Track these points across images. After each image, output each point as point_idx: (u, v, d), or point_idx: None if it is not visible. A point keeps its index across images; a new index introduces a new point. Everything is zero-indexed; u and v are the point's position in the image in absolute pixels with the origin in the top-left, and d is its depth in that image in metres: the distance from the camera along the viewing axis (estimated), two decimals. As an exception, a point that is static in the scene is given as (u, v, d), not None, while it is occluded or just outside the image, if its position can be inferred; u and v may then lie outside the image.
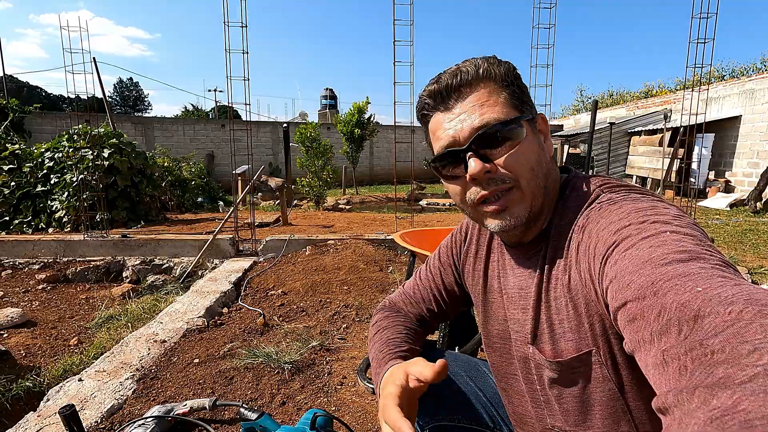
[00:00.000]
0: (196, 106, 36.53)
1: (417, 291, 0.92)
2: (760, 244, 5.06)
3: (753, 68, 18.21)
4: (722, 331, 0.33)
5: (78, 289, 4.22)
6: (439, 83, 0.66)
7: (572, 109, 26.60)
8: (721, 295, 0.36)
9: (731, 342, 0.31)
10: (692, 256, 0.44)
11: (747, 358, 0.29)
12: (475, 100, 0.63)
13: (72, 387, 1.91)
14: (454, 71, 0.65)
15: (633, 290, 0.44)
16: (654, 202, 0.57)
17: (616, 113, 14.22)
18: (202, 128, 15.89)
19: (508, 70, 0.66)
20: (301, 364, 2.20)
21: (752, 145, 8.60)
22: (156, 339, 2.48)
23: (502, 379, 0.80)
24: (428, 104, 0.68)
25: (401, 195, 10.13)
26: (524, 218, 0.64)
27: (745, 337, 0.31)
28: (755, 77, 8.88)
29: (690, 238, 0.47)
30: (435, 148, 0.68)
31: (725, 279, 0.39)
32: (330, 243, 4.64)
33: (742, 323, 0.32)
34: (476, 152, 0.62)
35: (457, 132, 0.64)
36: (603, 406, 0.63)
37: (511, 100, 0.65)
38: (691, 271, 0.41)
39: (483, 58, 0.66)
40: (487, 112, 0.62)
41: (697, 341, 0.34)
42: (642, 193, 0.62)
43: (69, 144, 5.97)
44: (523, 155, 0.63)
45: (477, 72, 0.64)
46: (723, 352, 0.31)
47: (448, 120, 0.65)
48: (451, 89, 0.64)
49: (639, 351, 0.41)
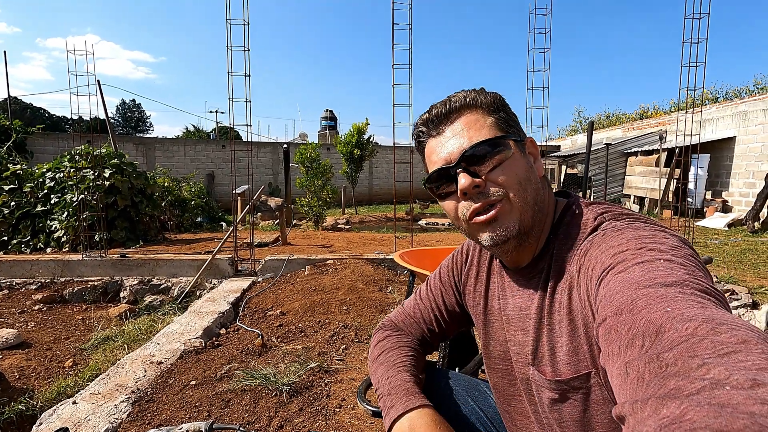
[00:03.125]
0: (198, 127, 36.93)
1: (417, 310, 0.92)
2: (760, 263, 5.06)
3: (746, 91, 18.60)
4: (677, 345, 0.35)
5: (74, 310, 4.18)
6: (431, 112, 0.72)
7: (569, 129, 26.99)
8: (684, 313, 0.39)
9: (683, 356, 0.33)
10: (676, 282, 0.46)
11: (696, 372, 0.31)
12: (464, 124, 0.69)
13: (66, 410, 1.88)
14: (444, 101, 0.72)
15: (614, 307, 0.46)
16: (656, 231, 0.59)
17: (612, 134, 14.41)
18: (202, 149, 16.05)
19: (494, 98, 0.71)
20: (300, 386, 2.17)
21: (747, 166, 8.70)
22: (152, 360, 2.44)
23: (504, 401, 0.80)
24: (422, 131, 0.74)
25: (400, 215, 10.15)
26: (515, 230, 0.66)
27: (696, 351, 0.33)
28: (748, 99, 9.05)
29: (681, 268, 0.49)
30: (430, 171, 0.73)
31: (696, 303, 0.41)
32: (329, 263, 4.63)
33: (695, 339, 0.35)
34: (465, 169, 0.66)
35: (449, 153, 0.68)
36: (604, 429, 0.63)
37: (498, 123, 0.69)
38: (668, 294, 0.43)
39: (471, 89, 0.72)
40: (475, 133, 0.68)
41: (655, 354, 0.36)
42: (645, 222, 0.63)
43: (70, 164, 6.02)
44: (510, 170, 0.67)
45: (465, 100, 0.70)
46: (675, 365, 0.33)
47: (440, 144, 0.70)
48: (441, 116, 0.71)
49: (608, 363, 0.43)
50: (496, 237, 0.67)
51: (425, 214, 12.05)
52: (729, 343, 0.33)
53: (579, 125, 26.64)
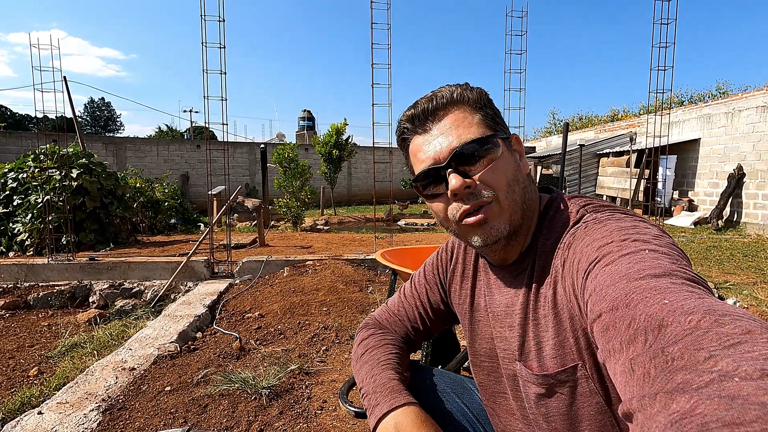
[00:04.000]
0: (171, 126, 35.98)
1: (402, 309, 0.91)
2: (724, 260, 5.28)
3: (709, 95, 19.44)
4: (682, 339, 0.35)
5: (40, 316, 3.98)
6: (416, 108, 0.69)
7: (544, 131, 27.59)
8: (684, 306, 0.39)
9: (689, 349, 0.33)
10: (665, 272, 0.46)
11: (703, 365, 0.31)
12: (451, 121, 0.67)
13: (30, 421, 1.78)
14: (430, 97, 0.69)
15: (608, 302, 0.46)
16: (636, 222, 0.60)
17: (584, 136, 14.81)
18: (176, 149, 15.64)
19: (480, 94, 0.70)
20: (280, 389, 2.13)
21: (711, 166, 9.08)
22: (124, 367, 2.35)
23: (490, 398, 0.80)
24: (407, 128, 0.71)
25: (380, 215, 10.15)
26: (505, 231, 0.66)
27: (701, 344, 0.33)
28: (711, 103, 9.45)
29: (666, 257, 0.50)
30: (416, 170, 0.70)
31: (691, 293, 0.41)
32: (308, 264, 4.57)
33: (699, 332, 0.34)
34: (456, 169, 0.65)
35: (437, 152, 0.66)
36: (591, 421, 0.63)
37: (485, 120, 0.68)
38: (661, 286, 0.43)
39: (456, 84, 0.70)
40: (464, 132, 0.66)
41: (659, 349, 0.35)
42: (625, 213, 0.64)
43: (35, 164, 5.75)
44: (500, 170, 0.66)
45: (451, 96, 0.68)
46: (682, 359, 0.33)
47: (427, 142, 0.68)
48: (428, 113, 0.68)
49: (609, 359, 0.42)
50: (487, 238, 0.66)
51: (404, 215, 12.09)
52: (734, 334, 0.33)
53: (554, 127, 27.28)
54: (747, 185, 8.06)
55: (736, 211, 8.29)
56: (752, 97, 8.14)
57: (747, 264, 5.05)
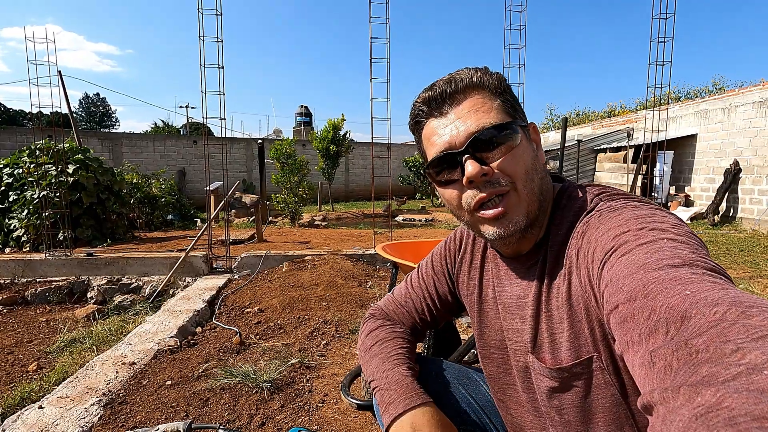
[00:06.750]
0: (167, 122, 35.71)
1: (409, 299, 0.90)
2: (720, 255, 5.32)
3: (706, 91, 19.49)
4: (706, 331, 0.33)
5: (38, 312, 3.97)
6: (433, 90, 0.66)
7: (542, 127, 27.57)
8: (708, 297, 0.37)
9: (715, 341, 0.32)
10: (685, 262, 0.44)
11: (730, 357, 0.30)
12: (470, 106, 0.64)
13: (31, 415, 1.78)
14: (448, 79, 0.66)
15: (625, 293, 0.44)
16: (653, 210, 0.58)
17: (582, 131, 14.82)
18: (173, 144, 15.54)
19: (499, 80, 0.67)
20: (281, 383, 2.13)
21: (708, 162, 9.11)
22: (124, 361, 2.35)
23: (499, 390, 0.79)
24: (422, 111, 0.68)
25: (378, 211, 10.14)
26: (522, 224, 0.64)
27: (728, 336, 0.32)
28: (708, 99, 9.47)
29: (686, 246, 0.48)
30: (429, 154, 0.68)
31: (714, 284, 0.40)
32: (307, 259, 4.57)
33: (725, 324, 0.33)
34: (473, 155, 0.62)
35: (453, 137, 0.63)
36: (606, 413, 0.62)
37: (504, 106, 0.65)
38: (681, 276, 0.42)
39: (476, 68, 0.67)
40: (483, 117, 0.63)
41: (682, 341, 0.34)
42: (641, 201, 0.62)
43: (30, 160, 5.71)
44: (519, 158, 0.63)
45: (471, 80, 0.65)
46: (707, 351, 0.31)
47: (443, 126, 0.65)
48: (445, 96, 0.65)
49: (628, 351, 0.41)
50: (503, 232, 0.64)
51: (402, 211, 12.08)
52: (762, 327, 0.31)
53: (551, 123, 27.28)
54: (743, 180, 8.10)
55: (732, 207, 8.33)
56: (748, 92, 8.16)
57: (743, 258, 5.08)
